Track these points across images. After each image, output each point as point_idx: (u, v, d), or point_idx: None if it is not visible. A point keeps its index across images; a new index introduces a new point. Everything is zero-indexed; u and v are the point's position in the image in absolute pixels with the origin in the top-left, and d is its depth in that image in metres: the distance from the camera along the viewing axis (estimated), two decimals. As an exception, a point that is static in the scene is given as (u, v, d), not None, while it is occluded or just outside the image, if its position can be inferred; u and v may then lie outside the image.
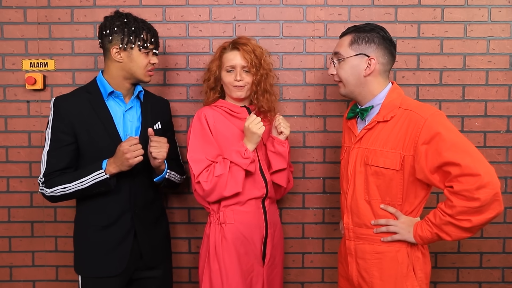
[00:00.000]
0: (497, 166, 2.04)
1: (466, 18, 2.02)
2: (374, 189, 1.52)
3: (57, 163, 1.62)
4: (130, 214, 1.68)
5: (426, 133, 1.41)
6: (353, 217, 1.58)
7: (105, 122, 1.65)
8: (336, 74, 1.58)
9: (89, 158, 1.64)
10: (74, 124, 1.62)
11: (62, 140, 1.62)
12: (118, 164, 1.56)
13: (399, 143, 1.46)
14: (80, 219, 1.72)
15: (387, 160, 1.47)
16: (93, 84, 1.71)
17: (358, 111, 1.60)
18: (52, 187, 1.60)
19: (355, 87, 1.55)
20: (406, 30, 2.03)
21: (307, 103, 2.06)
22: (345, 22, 2.02)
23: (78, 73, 2.05)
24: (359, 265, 1.56)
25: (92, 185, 1.59)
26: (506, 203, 2.05)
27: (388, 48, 1.54)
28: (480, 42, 2.02)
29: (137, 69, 1.65)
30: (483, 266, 2.09)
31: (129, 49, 1.63)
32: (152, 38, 1.67)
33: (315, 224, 2.09)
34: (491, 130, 2.05)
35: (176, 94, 2.06)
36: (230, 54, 1.72)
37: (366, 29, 1.54)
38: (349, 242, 1.60)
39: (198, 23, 2.04)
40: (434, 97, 2.04)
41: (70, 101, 1.65)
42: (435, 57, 2.03)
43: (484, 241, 2.08)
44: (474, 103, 2.05)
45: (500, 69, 2.03)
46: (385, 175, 1.48)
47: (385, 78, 1.56)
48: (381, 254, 1.52)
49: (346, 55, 1.54)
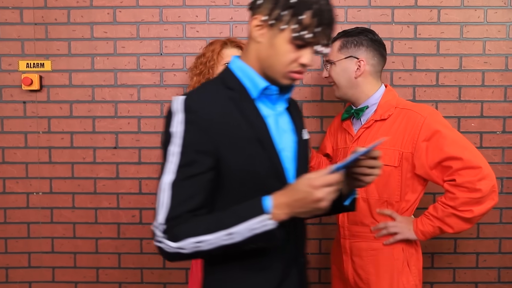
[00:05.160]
0: (494, 166, 1.97)
1: (462, 19, 2.02)
2: (372, 187, 1.54)
3: (188, 200, 0.99)
4: (296, 271, 1.14)
5: (426, 130, 1.47)
6: (349, 215, 1.60)
7: (261, 135, 1.06)
8: (329, 76, 1.64)
9: (234, 191, 1.05)
10: (218, 139, 1.02)
11: (199, 164, 1.00)
12: (299, 209, 0.96)
13: (397, 140, 1.51)
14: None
15: (386, 157, 1.50)
16: (229, 75, 1.10)
17: (353, 112, 1.64)
18: (179, 239, 0.97)
19: (347, 88, 1.61)
20: (402, 31, 2.03)
21: (304, 104, 2.06)
22: (342, 23, 2.02)
23: (75, 73, 2.04)
24: (354, 263, 1.59)
25: (249, 239, 0.97)
26: (502, 203, 2.06)
27: (378, 49, 1.60)
28: (476, 43, 2.03)
29: (276, 63, 1.05)
30: (479, 267, 2.09)
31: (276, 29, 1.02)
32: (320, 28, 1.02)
33: (312, 224, 2.09)
34: (487, 131, 2.06)
35: (173, 95, 2.05)
36: (231, 50, 1.72)
37: (354, 33, 1.60)
38: (344, 240, 1.62)
39: (195, 24, 2.03)
40: (431, 98, 2.05)
41: (210, 103, 1.04)
42: (432, 58, 2.03)
43: (480, 241, 2.08)
44: (471, 103, 2.05)
45: (496, 70, 2.04)
46: (384, 172, 1.50)
47: (376, 79, 1.61)
48: (376, 251, 1.55)
49: (336, 59, 1.60)
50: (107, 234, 2.08)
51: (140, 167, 2.06)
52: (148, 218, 2.07)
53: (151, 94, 2.05)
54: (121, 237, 2.08)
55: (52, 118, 2.05)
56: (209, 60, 1.73)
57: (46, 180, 2.07)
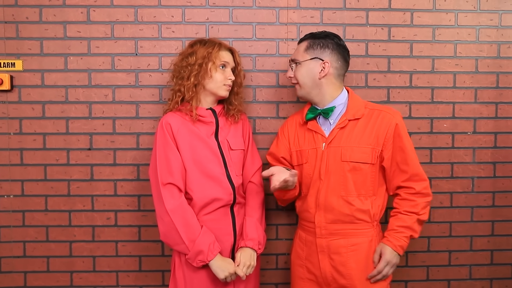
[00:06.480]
0: (465, 166, 2.10)
1: (434, 22, 2.06)
2: (351, 185, 1.61)
3: None
4: None
5: (396, 135, 1.62)
6: (327, 214, 1.64)
7: None
8: (293, 76, 1.70)
9: None
10: None
11: None
12: None
13: (372, 139, 1.61)
14: None
15: (364, 155, 1.60)
16: None
17: (320, 112, 1.68)
18: None
19: (311, 88, 1.67)
20: (377, 33, 2.06)
21: (280, 104, 2.07)
22: (317, 24, 2.04)
23: (48, 73, 1.99)
24: (333, 260, 1.63)
25: None
26: (473, 202, 2.11)
27: (342, 54, 1.68)
28: (447, 45, 2.07)
29: None
30: (451, 264, 2.14)
31: None
32: None
33: (289, 225, 2.10)
34: (459, 131, 2.10)
35: (148, 96, 2.03)
36: (224, 52, 1.72)
37: (321, 36, 1.68)
38: (320, 240, 1.65)
39: (170, 24, 2.02)
40: (404, 99, 2.08)
41: None
42: (405, 60, 2.06)
43: (452, 239, 2.13)
44: (443, 105, 2.09)
45: (467, 72, 2.08)
46: (362, 170, 1.61)
47: (339, 81, 1.69)
48: (356, 245, 1.62)
49: (302, 59, 1.67)
50: (81, 237, 2.04)
51: (115, 169, 2.03)
52: (123, 220, 2.04)
53: (126, 95, 2.02)
54: (95, 239, 2.05)
55: (24, 119, 2.00)
56: (206, 61, 1.67)
57: (17, 182, 2.02)
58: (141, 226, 2.05)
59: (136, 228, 2.05)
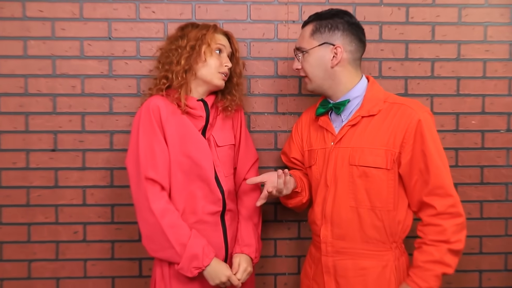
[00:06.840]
0: (497, 170, 1.90)
1: (460, 1, 1.87)
2: (362, 194, 1.41)
3: None
4: None
5: (419, 135, 1.37)
6: (334, 228, 1.46)
7: None
8: (301, 68, 1.52)
9: None
10: None
11: None
12: None
13: (388, 139, 1.39)
14: None
15: (376, 158, 1.39)
16: None
17: (331, 106, 1.49)
18: None
19: (323, 80, 1.48)
20: (392, 14, 1.86)
21: (279, 98, 1.87)
22: (323, 4, 1.83)
23: (3, 60, 1.77)
24: (339, 284, 1.44)
25: None
26: (507, 212, 1.92)
27: (356, 33, 1.48)
28: (476, 28, 1.88)
29: None
30: (483, 287, 1.92)
31: None
32: None
33: (289, 240, 1.89)
34: (490, 129, 1.91)
35: (124, 87, 1.81)
36: (220, 35, 1.54)
37: (328, 15, 1.48)
38: (325, 258, 1.47)
39: (150, 3, 1.80)
40: (425, 91, 1.88)
41: None
42: (426, 45, 1.88)
43: (483, 257, 1.92)
44: (471, 98, 1.90)
45: (499, 60, 1.89)
46: (375, 176, 1.40)
47: (355, 68, 1.50)
48: (365, 270, 1.41)
49: (309, 46, 1.48)
50: (42, 255, 1.82)
51: (84, 173, 1.82)
52: (93, 235, 1.82)
53: (97, 86, 1.81)
54: (60, 258, 1.83)
55: (-25, 114, 1.79)
56: (199, 43, 1.49)
57: (-34, 190, 1.80)
58: (115, 241, 1.84)
59: (109, 243, 1.84)
